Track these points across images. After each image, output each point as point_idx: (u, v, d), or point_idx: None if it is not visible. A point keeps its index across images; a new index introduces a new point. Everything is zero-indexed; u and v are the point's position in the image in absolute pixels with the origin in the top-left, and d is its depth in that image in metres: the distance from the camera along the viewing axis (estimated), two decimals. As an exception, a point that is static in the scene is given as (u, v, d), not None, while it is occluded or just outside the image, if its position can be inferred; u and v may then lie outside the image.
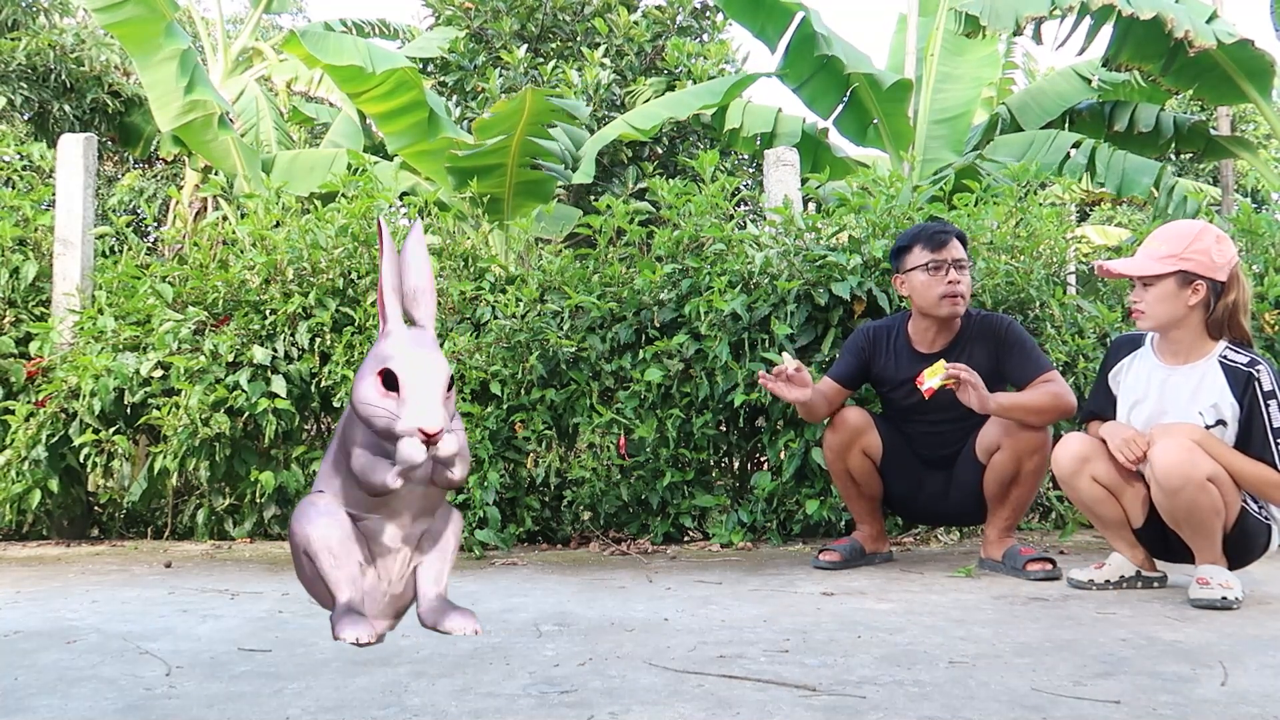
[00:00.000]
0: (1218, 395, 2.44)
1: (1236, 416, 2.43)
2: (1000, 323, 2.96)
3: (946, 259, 2.87)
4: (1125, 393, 2.61)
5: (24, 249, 4.20)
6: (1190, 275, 2.45)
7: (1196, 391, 2.47)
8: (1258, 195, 11.75)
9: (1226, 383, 2.44)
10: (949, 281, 2.86)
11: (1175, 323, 2.48)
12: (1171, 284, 2.46)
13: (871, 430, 3.00)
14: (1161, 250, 2.48)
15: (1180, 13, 6.42)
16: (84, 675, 1.84)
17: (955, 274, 2.86)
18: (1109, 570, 2.62)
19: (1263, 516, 2.48)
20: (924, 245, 2.90)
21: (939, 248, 2.88)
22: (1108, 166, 6.67)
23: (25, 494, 3.77)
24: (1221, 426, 2.44)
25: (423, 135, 5.63)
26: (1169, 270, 2.45)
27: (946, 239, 2.89)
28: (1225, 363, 2.47)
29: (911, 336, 3.00)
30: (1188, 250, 2.45)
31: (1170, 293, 2.46)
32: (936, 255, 2.88)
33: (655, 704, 1.62)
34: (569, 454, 3.72)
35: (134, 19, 5.74)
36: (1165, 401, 2.51)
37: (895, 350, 3.01)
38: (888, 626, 2.18)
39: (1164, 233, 2.53)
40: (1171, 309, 2.47)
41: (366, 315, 3.69)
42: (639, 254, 3.86)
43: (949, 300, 2.88)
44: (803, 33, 6.72)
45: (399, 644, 2.06)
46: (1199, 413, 2.46)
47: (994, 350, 2.92)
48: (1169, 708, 1.57)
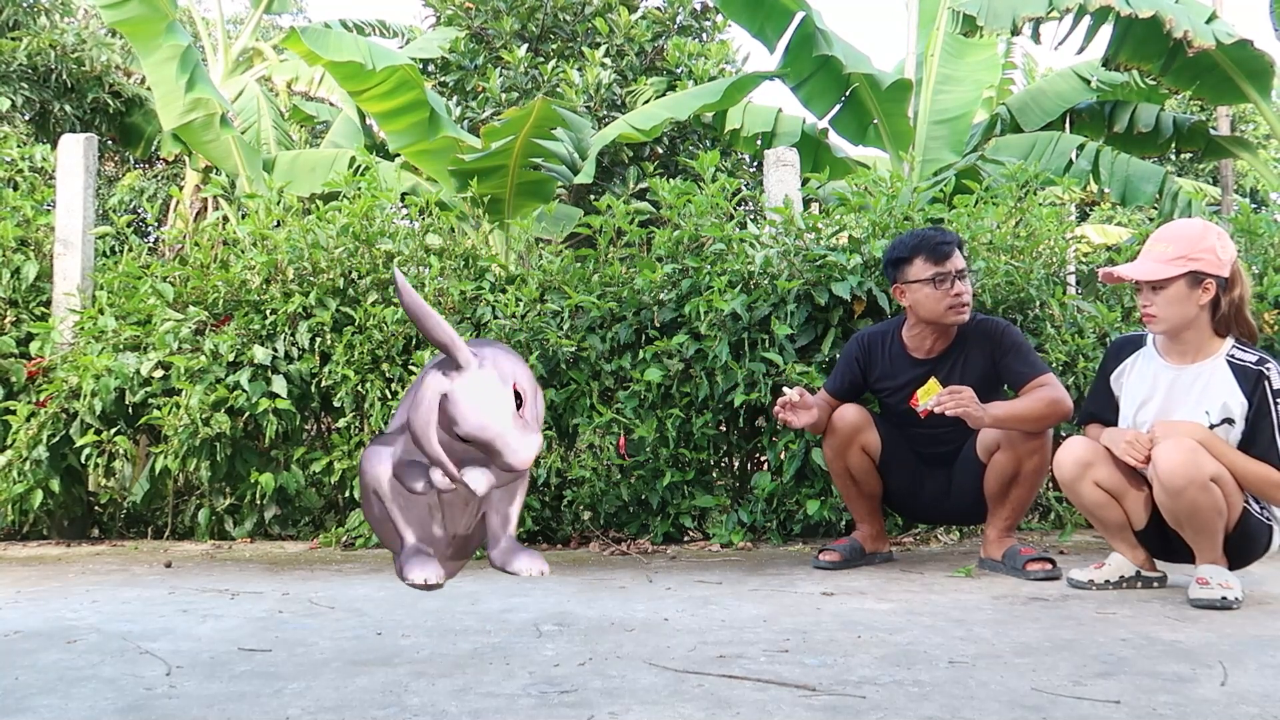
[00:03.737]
0: (1227, 394, 2.44)
1: (1245, 414, 2.42)
2: (996, 327, 2.96)
3: (950, 271, 2.85)
4: (1130, 394, 2.60)
5: (25, 249, 4.20)
6: (1200, 275, 2.45)
7: (1205, 390, 2.46)
8: (1257, 195, 11.76)
9: (1235, 381, 2.44)
10: (955, 294, 2.86)
11: (1187, 324, 2.47)
12: (1183, 285, 2.45)
13: (870, 428, 2.99)
14: (1169, 252, 2.46)
15: (1179, 13, 6.42)
16: (84, 675, 1.84)
17: (960, 285, 2.86)
18: (1109, 570, 2.62)
19: (1264, 517, 2.48)
20: (926, 258, 2.87)
21: (943, 260, 2.86)
22: (1111, 172, 6.68)
23: (26, 494, 3.78)
24: (1228, 425, 2.43)
25: (424, 134, 5.63)
26: (1180, 272, 2.44)
27: (949, 250, 2.86)
28: (1233, 361, 2.46)
29: (907, 343, 3.00)
30: (1196, 250, 2.44)
31: (1182, 294, 2.45)
32: (941, 268, 2.86)
33: (655, 704, 1.62)
34: (569, 454, 3.72)
35: (137, 17, 5.75)
36: (1172, 401, 2.50)
37: (891, 357, 3.01)
38: (888, 626, 2.18)
39: (1168, 234, 2.51)
40: (1184, 310, 2.45)
41: (367, 315, 3.69)
42: (639, 254, 3.86)
43: (955, 310, 2.87)
44: (802, 32, 6.71)
45: (399, 644, 2.06)
46: (1205, 411, 2.45)
47: (990, 354, 2.91)
48: (1169, 708, 1.57)
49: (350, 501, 3.77)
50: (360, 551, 3.55)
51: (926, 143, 7.03)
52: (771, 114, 7.27)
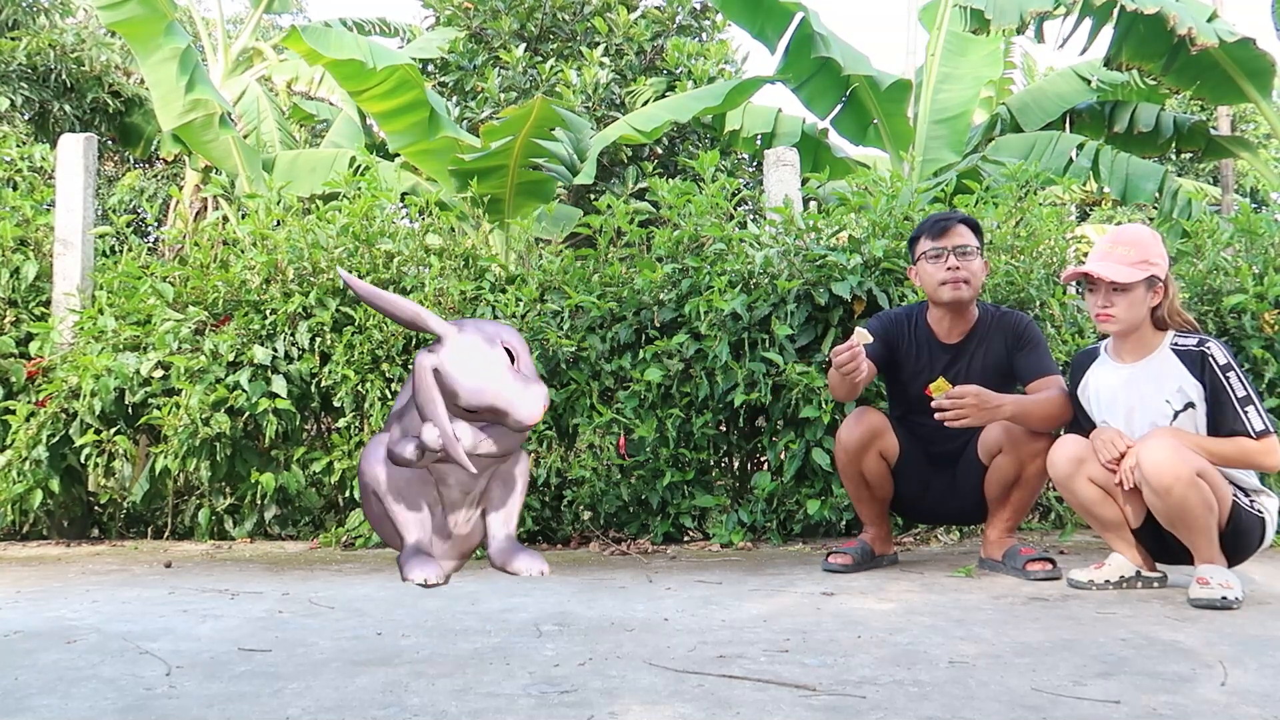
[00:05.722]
0: (1180, 380, 2.53)
1: (1202, 396, 2.51)
2: (1019, 320, 2.99)
3: (947, 245, 2.89)
4: (1095, 401, 2.67)
5: (24, 249, 4.20)
6: (1155, 279, 2.56)
7: (1160, 382, 2.55)
8: (1257, 195, 11.75)
9: (1184, 367, 2.54)
10: (949, 268, 2.88)
11: (1138, 324, 2.58)
12: (1141, 289, 2.55)
13: (889, 432, 2.97)
14: (1132, 255, 2.56)
15: (1182, 11, 6.42)
16: (84, 675, 1.84)
17: (955, 259, 2.88)
18: (1109, 570, 2.62)
19: (1255, 510, 2.50)
20: (928, 234, 2.94)
21: (940, 235, 2.91)
22: (1111, 171, 6.68)
23: (26, 494, 3.78)
24: (1191, 409, 2.51)
25: (424, 134, 5.63)
26: (1144, 276, 2.54)
27: (948, 225, 2.91)
28: (1177, 349, 2.57)
29: (932, 326, 3.01)
30: (1153, 254, 2.57)
31: (1140, 297, 2.56)
32: (937, 243, 2.91)
33: (655, 704, 1.62)
34: (569, 454, 3.72)
35: (136, 18, 5.75)
36: (1134, 398, 2.58)
37: (917, 338, 3.02)
38: (888, 626, 2.18)
39: (1128, 238, 2.60)
40: (1140, 312, 2.57)
41: (366, 315, 3.69)
42: (639, 254, 3.86)
43: (949, 286, 2.89)
44: (802, 33, 6.72)
45: (399, 644, 2.06)
46: (1166, 400, 2.53)
47: (1009, 345, 2.94)
48: (1169, 708, 1.57)
49: (350, 501, 3.77)
50: (360, 551, 3.55)
51: (926, 142, 7.03)
52: (771, 114, 7.28)
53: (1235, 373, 2.49)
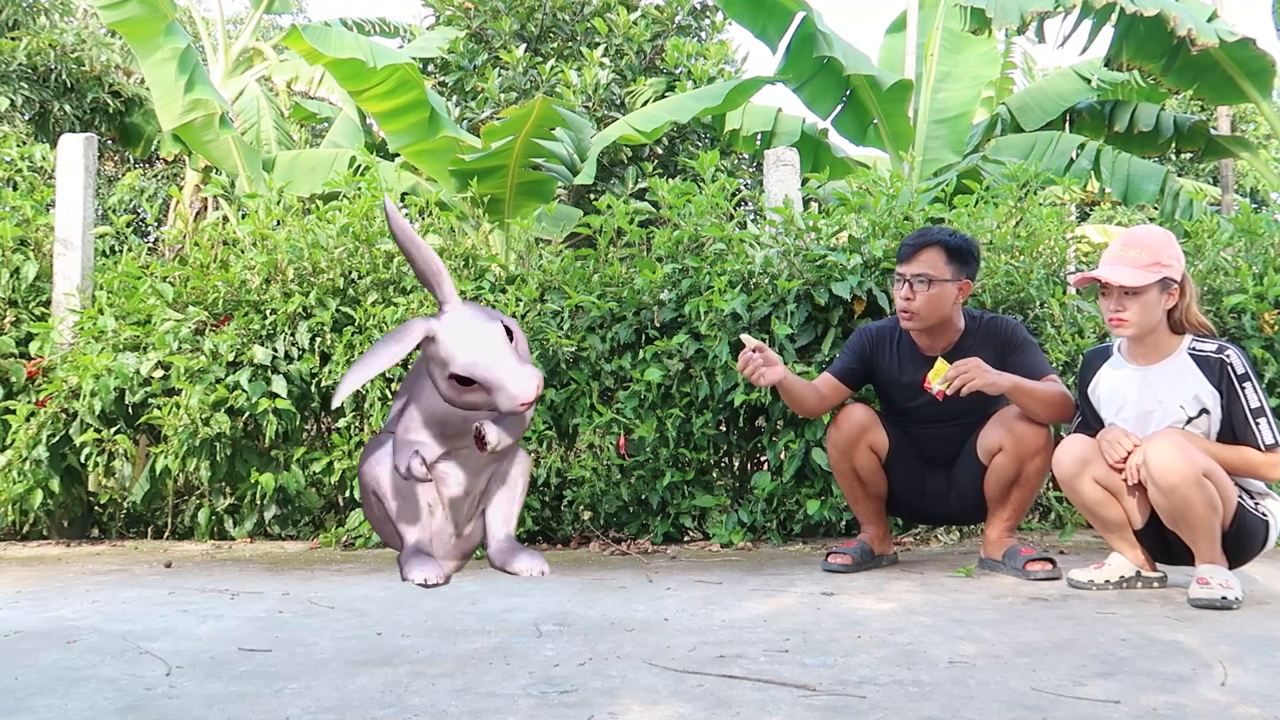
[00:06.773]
0: (1196, 386, 2.50)
1: (1218, 403, 2.48)
2: (1006, 325, 2.96)
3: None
4: (1106, 403, 2.65)
5: (24, 249, 4.20)
6: (1169, 281, 2.52)
7: (1175, 386, 2.52)
8: (1257, 195, 11.76)
9: (1201, 373, 2.50)
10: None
11: (1153, 327, 2.54)
12: (1155, 292, 2.51)
13: (877, 427, 2.97)
14: (1144, 258, 2.52)
15: (1182, 11, 6.42)
16: (84, 675, 1.84)
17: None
18: (1109, 570, 2.62)
19: (1260, 513, 2.49)
20: (899, 254, 2.93)
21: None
22: (1112, 171, 6.68)
23: (26, 494, 3.78)
24: (1205, 415, 2.49)
25: (424, 134, 5.62)
26: (1156, 279, 2.50)
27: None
28: (1195, 354, 2.53)
29: (915, 339, 3.00)
30: (1166, 256, 2.52)
31: (1154, 300, 2.52)
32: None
33: (655, 704, 1.62)
34: (569, 454, 3.72)
35: (136, 18, 5.75)
36: (1147, 401, 2.55)
37: (898, 351, 3.00)
38: (888, 626, 2.18)
39: (1140, 240, 2.56)
40: (1154, 315, 2.53)
41: (367, 315, 3.69)
42: (639, 254, 3.86)
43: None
44: (803, 33, 6.72)
45: (399, 644, 2.06)
46: (1180, 405, 2.50)
47: (999, 352, 2.90)
48: (1169, 708, 1.57)
49: (350, 501, 3.77)
50: (360, 551, 3.55)
51: (927, 142, 7.03)
52: (771, 114, 7.27)
53: (1252, 383, 2.47)
